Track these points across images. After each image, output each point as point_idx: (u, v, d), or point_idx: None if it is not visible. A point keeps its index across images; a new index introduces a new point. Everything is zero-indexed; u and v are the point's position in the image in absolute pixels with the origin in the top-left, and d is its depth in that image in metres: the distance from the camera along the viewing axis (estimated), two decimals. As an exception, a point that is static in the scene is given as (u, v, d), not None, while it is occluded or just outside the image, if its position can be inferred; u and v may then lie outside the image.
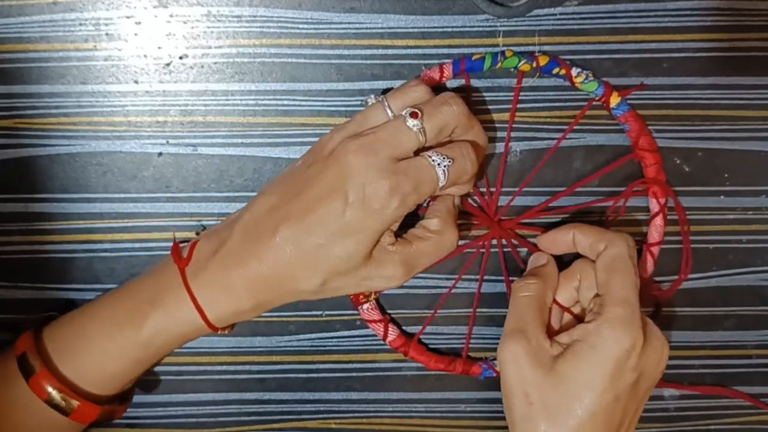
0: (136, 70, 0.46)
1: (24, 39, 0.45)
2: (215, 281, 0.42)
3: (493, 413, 0.51)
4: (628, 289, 0.42)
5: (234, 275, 0.41)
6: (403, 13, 0.45)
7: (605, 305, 0.42)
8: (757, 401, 0.51)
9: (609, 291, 0.42)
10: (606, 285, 0.43)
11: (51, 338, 0.44)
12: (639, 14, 0.46)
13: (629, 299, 0.42)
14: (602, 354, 0.41)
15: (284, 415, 0.51)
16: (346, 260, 0.40)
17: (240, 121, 0.47)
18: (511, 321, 0.44)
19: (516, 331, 0.43)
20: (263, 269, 0.41)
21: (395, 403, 0.51)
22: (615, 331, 0.41)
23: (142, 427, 0.51)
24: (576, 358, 0.41)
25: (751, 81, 0.47)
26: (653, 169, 0.46)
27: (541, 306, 0.45)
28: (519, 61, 0.45)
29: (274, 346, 0.50)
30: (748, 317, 0.50)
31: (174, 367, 0.50)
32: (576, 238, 0.45)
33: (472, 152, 0.41)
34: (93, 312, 0.44)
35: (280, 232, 0.40)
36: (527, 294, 0.45)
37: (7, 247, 0.48)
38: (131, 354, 0.43)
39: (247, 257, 0.41)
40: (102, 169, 0.47)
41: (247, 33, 0.46)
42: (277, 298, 0.42)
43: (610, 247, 0.43)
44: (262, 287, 0.41)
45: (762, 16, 0.46)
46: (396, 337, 0.48)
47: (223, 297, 0.42)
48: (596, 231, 0.45)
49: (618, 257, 0.43)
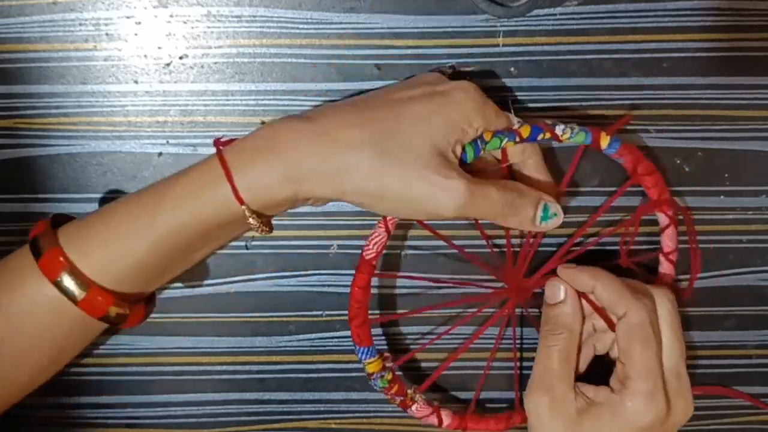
0: (136, 70, 0.46)
1: (24, 39, 0.45)
2: (254, 146, 0.39)
3: (493, 413, 0.51)
4: (650, 360, 0.42)
5: (279, 141, 0.38)
6: (403, 13, 0.45)
7: (629, 377, 0.43)
8: (757, 401, 0.51)
9: (631, 362, 0.43)
10: (627, 354, 0.43)
11: (66, 232, 0.41)
12: (639, 14, 0.46)
13: (652, 371, 0.42)
14: (625, 424, 0.42)
15: (284, 415, 0.51)
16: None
17: (240, 121, 0.47)
18: (538, 371, 0.45)
19: (543, 383, 0.44)
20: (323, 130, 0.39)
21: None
22: (639, 405, 0.42)
23: (142, 427, 0.51)
24: (599, 419, 0.43)
25: (751, 81, 0.47)
26: (655, 191, 0.46)
27: (569, 357, 0.45)
28: (501, 141, 0.42)
29: (274, 346, 0.50)
30: (748, 317, 0.50)
31: (174, 367, 0.50)
32: (596, 291, 0.44)
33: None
34: (112, 205, 0.42)
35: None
36: (556, 345, 0.45)
37: (7, 247, 0.48)
38: (147, 238, 0.39)
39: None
40: (102, 169, 0.47)
41: (247, 33, 0.46)
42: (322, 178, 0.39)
43: (630, 314, 0.43)
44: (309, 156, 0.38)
45: (762, 16, 0.46)
46: (451, 419, 0.48)
47: (257, 162, 0.39)
48: (618, 291, 0.44)
49: (638, 326, 0.43)
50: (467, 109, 0.41)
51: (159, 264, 0.41)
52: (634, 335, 0.43)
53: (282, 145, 0.39)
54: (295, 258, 0.49)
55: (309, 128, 0.39)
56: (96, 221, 0.41)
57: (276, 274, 0.49)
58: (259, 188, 0.39)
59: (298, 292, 0.49)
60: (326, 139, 0.39)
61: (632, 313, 0.43)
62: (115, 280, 0.40)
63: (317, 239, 0.48)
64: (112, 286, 0.40)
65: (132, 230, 0.40)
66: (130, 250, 0.40)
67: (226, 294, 0.49)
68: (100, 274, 0.40)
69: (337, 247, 0.49)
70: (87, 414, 0.50)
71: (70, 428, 0.49)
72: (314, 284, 0.49)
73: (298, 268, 0.49)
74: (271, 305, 0.49)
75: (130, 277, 0.41)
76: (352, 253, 0.49)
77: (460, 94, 0.41)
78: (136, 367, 0.50)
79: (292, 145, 0.39)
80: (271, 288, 0.49)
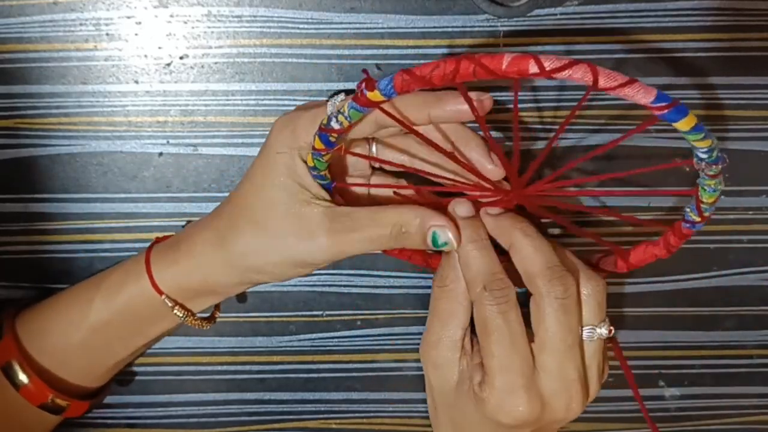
0: (137, 70, 0.46)
1: (24, 39, 0.45)
2: (170, 242, 0.44)
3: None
4: (503, 355, 0.38)
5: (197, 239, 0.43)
6: (403, 13, 0.45)
7: (486, 371, 0.39)
8: None
9: (486, 353, 0.39)
10: (482, 345, 0.39)
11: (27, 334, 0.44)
12: (639, 14, 0.46)
13: (508, 367, 0.38)
14: (487, 416, 0.39)
15: (285, 416, 0.51)
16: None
17: (240, 121, 0.47)
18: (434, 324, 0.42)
19: (435, 337, 0.42)
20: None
21: (396, 404, 0.51)
22: (497, 401, 0.38)
23: (143, 428, 0.51)
24: (474, 401, 0.40)
25: (752, 81, 0.47)
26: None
27: (452, 315, 0.41)
28: (318, 137, 0.37)
29: (275, 346, 0.50)
30: (749, 317, 0.50)
31: (174, 368, 0.50)
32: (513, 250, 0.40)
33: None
34: (60, 294, 0.45)
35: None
36: (439, 299, 0.42)
37: (7, 247, 0.48)
38: (81, 329, 0.43)
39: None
40: (102, 169, 0.47)
41: (247, 33, 0.46)
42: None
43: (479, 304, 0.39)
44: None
45: (762, 16, 0.46)
46: None
47: (168, 254, 0.43)
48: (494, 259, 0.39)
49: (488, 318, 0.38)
50: (274, 142, 0.41)
51: (98, 353, 0.44)
52: (487, 326, 0.38)
53: (187, 246, 0.43)
54: (296, 258, 0.49)
55: (205, 229, 0.43)
56: (43, 310, 0.45)
57: (276, 274, 0.49)
58: (170, 275, 0.43)
59: (299, 292, 0.49)
60: (215, 246, 0.42)
61: (480, 305, 0.39)
62: (58, 365, 0.44)
63: (318, 239, 0.48)
64: (56, 370, 0.44)
65: (71, 320, 0.44)
66: (67, 340, 0.44)
67: (227, 294, 0.49)
68: (48, 361, 0.44)
69: (337, 247, 0.49)
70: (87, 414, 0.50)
71: (71, 428, 0.49)
72: (315, 284, 0.49)
73: (299, 268, 0.49)
74: (271, 305, 0.49)
75: (71, 364, 0.44)
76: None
77: (269, 135, 0.42)
78: (137, 367, 0.50)
79: (192, 244, 0.43)
80: (271, 288, 0.49)
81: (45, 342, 0.44)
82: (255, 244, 0.41)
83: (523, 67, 0.31)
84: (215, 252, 0.42)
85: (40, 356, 0.43)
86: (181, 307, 0.43)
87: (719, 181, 0.36)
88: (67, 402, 0.44)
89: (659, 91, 0.31)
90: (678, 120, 0.32)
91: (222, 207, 0.44)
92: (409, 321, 0.50)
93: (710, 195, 0.37)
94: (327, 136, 0.37)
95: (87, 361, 0.44)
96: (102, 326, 0.43)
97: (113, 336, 0.44)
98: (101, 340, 0.44)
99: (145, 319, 0.44)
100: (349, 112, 0.35)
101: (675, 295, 0.50)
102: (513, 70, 0.31)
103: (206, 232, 0.43)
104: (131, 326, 0.44)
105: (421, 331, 0.50)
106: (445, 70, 0.32)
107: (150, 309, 0.43)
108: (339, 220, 0.40)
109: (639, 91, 0.31)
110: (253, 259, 0.41)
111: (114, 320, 0.43)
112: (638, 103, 0.32)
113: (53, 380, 0.44)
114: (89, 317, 0.43)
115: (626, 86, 0.31)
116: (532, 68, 0.31)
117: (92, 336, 0.43)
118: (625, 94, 0.32)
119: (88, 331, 0.43)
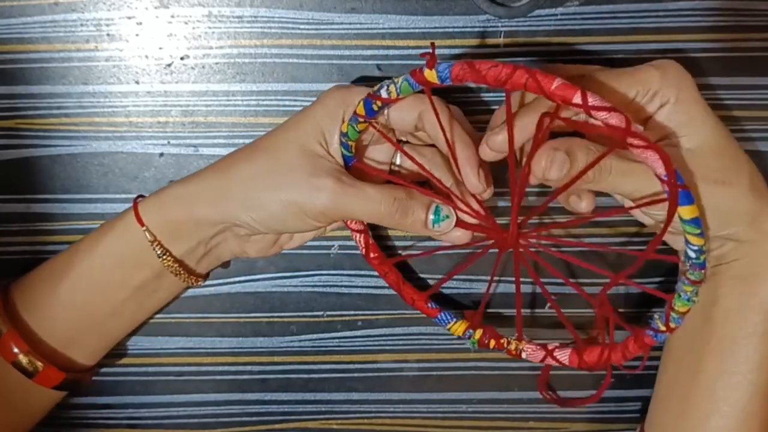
0: (138, 71, 0.46)
1: (25, 39, 0.45)
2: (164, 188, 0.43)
3: (495, 413, 0.51)
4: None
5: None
6: (404, 14, 0.45)
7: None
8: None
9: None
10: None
11: (18, 293, 0.44)
12: (639, 14, 0.46)
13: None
14: None
15: (286, 416, 0.51)
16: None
17: (241, 122, 0.47)
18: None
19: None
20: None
21: (396, 404, 0.51)
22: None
23: (144, 428, 0.51)
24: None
25: (752, 81, 0.47)
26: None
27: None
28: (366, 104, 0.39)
29: (276, 347, 0.50)
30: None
31: (176, 368, 0.50)
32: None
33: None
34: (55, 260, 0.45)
35: None
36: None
37: (9, 247, 0.48)
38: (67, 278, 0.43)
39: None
40: (103, 170, 0.47)
41: (248, 33, 0.46)
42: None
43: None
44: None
45: (762, 17, 0.46)
46: (569, 357, 0.45)
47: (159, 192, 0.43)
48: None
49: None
50: (327, 103, 0.41)
51: (80, 309, 0.44)
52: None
53: (182, 180, 0.43)
54: (297, 258, 0.49)
55: (208, 168, 0.43)
56: (37, 270, 0.45)
57: (277, 274, 0.49)
58: (156, 207, 0.43)
59: (300, 292, 0.49)
60: (216, 173, 0.43)
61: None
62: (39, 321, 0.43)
63: (318, 240, 0.48)
64: (38, 328, 0.43)
65: (55, 269, 0.44)
66: (52, 290, 0.43)
67: (228, 294, 0.49)
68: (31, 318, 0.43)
69: (338, 247, 0.49)
70: (88, 414, 0.50)
71: (71, 428, 0.49)
72: (316, 284, 0.49)
73: (300, 268, 0.49)
74: (272, 306, 0.49)
75: (54, 322, 0.44)
76: (353, 254, 0.49)
77: (323, 95, 0.42)
78: (138, 368, 0.50)
79: (189, 178, 0.43)
80: (272, 288, 0.49)
81: (31, 298, 0.43)
82: (262, 169, 0.41)
83: (568, 96, 0.33)
84: (214, 176, 0.42)
85: (25, 314, 0.43)
86: (159, 244, 0.42)
87: (696, 292, 0.38)
88: (42, 365, 0.43)
89: (677, 172, 0.33)
90: (683, 205, 0.34)
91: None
92: (409, 321, 0.50)
93: (683, 304, 0.39)
94: (371, 102, 0.38)
95: (69, 318, 0.44)
96: (85, 273, 0.43)
97: (95, 285, 0.43)
98: (82, 291, 0.43)
99: (127, 264, 0.43)
100: (401, 84, 0.37)
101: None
102: (559, 93, 0.33)
103: (216, 162, 0.43)
104: (112, 273, 0.43)
105: (421, 331, 0.50)
106: (500, 73, 0.33)
107: (131, 250, 0.43)
108: (347, 179, 0.41)
109: (658, 161, 0.33)
110: (251, 185, 0.41)
111: (95, 264, 0.43)
112: (654, 170, 0.33)
113: (36, 343, 0.43)
114: (73, 265, 0.43)
115: (650, 149, 0.33)
116: (576, 99, 0.33)
117: (74, 285, 0.43)
118: (645, 157, 0.33)
119: (71, 280, 0.43)
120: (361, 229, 0.45)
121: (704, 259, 0.36)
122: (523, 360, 0.46)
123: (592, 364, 0.44)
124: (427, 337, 0.50)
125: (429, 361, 0.51)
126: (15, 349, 0.42)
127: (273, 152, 0.41)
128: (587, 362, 0.44)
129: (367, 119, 0.39)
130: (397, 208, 0.41)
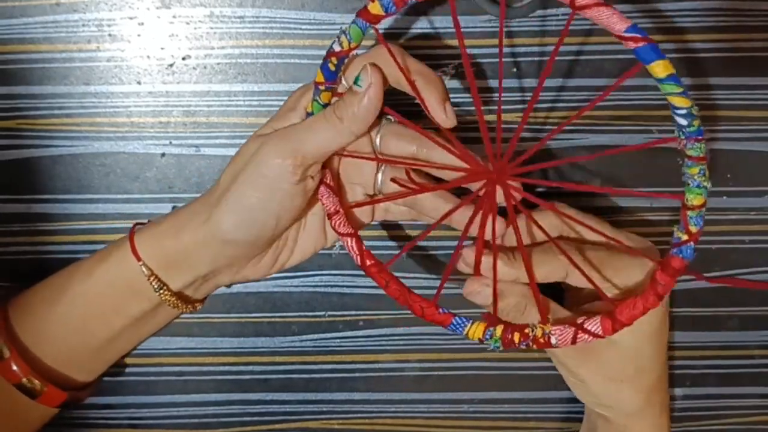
0: (139, 71, 0.46)
1: (27, 40, 0.45)
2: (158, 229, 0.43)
3: (495, 413, 0.51)
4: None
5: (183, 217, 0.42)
6: (404, 14, 0.45)
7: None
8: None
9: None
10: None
11: (16, 313, 0.44)
12: (640, 15, 0.46)
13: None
14: None
15: (287, 416, 0.51)
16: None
17: (243, 122, 0.47)
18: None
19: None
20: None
21: (398, 404, 0.51)
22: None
23: (145, 428, 0.51)
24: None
25: (753, 81, 0.47)
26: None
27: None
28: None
29: (277, 347, 0.50)
30: (751, 318, 0.50)
31: (176, 368, 0.50)
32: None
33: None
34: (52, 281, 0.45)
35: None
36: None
37: (10, 247, 0.48)
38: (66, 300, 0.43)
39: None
40: (105, 170, 0.47)
41: (249, 34, 0.46)
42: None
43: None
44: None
45: (763, 17, 0.46)
46: (601, 325, 0.39)
47: (153, 221, 0.43)
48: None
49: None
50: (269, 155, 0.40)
51: (77, 333, 0.43)
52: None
53: (176, 209, 0.44)
54: (298, 258, 0.49)
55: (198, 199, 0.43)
56: (32, 289, 0.45)
57: (278, 274, 0.49)
58: (151, 238, 0.42)
59: (301, 292, 0.49)
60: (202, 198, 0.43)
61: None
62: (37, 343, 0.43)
63: (320, 240, 0.48)
64: (36, 350, 0.43)
65: (51, 294, 0.43)
66: (48, 315, 0.43)
67: (229, 294, 0.49)
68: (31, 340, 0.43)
69: (339, 247, 0.49)
70: (89, 414, 0.50)
71: (72, 428, 0.49)
72: (317, 284, 0.49)
73: (301, 268, 0.49)
74: (274, 306, 0.49)
75: (52, 343, 0.43)
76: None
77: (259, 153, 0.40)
78: (139, 368, 0.50)
79: (181, 209, 0.43)
80: (273, 288, 0.49)
81: (28, 319, 0.43)
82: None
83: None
84: (200, 200, 0.42)
85: (23, 335, 0.43)
86: (156, 278, 0.42)
87: (703, 172, 0.34)
88: (43, 385, 0.43)
89: (636, 25, 0.32)
90: (652, 60, 0.32)
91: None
92: (411, 321, 0.50)
93: (695, 193, 0.35)
94: (327, 63, 0.37)
95: (66, 341, 0.44)
96: (81, 299, 0.43)
97: (91, 312, 0.43)
98: (79, 317, 0.43)
99: (124, 294, 0.43)
100: (350, 30, 0.37)
101: (677, 295, 0.50)
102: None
103: (203, 195, 0.43)
104: (109, 301, 0.43)
105: (423, 331, 0.50)
106: None
107: (128, 281, 0.42)
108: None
109: (613, 16, 0.32)
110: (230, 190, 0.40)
111: (91, 291, 0.43)
112: (611, 31, 0.32)
113: (36, 363, 0.43)
114: (69, 289, 0.43)
115: (602, 7, 0.32)
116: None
117: (70, 310, 0.43)
118: (599, 17, 0.32)
119: (67, 305, 0.43)
120: (351, 232, 0.41)
121: (698, 125, 0.32)
122: (553, 346, 0.39)
123: (629, 322, 0.38)
124: (428, 337, 0.50)
125: (430, 361, 0.51)
126: (18, 370, 0.42)
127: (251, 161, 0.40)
128: (623, 322, 0.38)
129: (327, 84, 0.38)
130: (335, 108, 0.39)
